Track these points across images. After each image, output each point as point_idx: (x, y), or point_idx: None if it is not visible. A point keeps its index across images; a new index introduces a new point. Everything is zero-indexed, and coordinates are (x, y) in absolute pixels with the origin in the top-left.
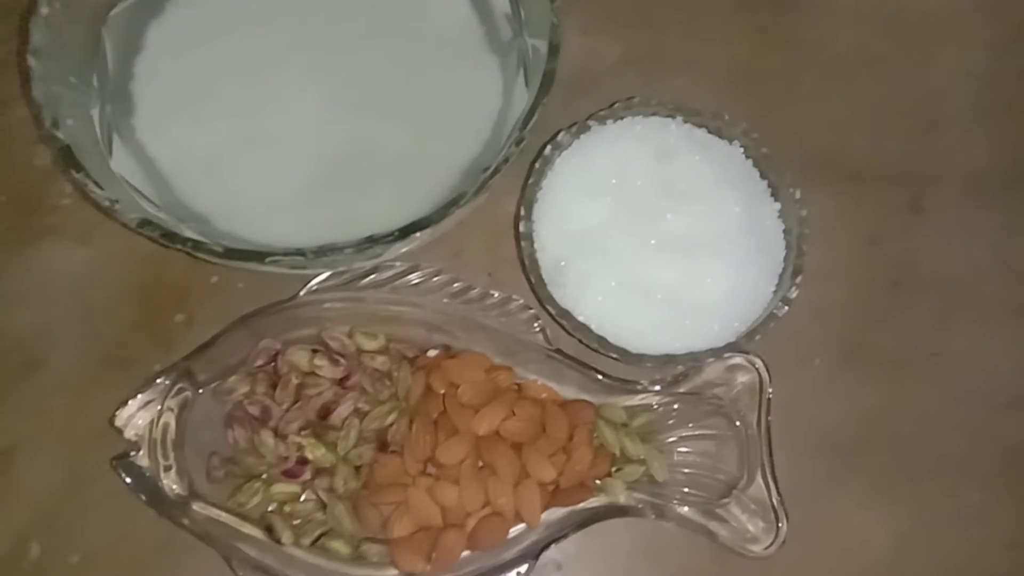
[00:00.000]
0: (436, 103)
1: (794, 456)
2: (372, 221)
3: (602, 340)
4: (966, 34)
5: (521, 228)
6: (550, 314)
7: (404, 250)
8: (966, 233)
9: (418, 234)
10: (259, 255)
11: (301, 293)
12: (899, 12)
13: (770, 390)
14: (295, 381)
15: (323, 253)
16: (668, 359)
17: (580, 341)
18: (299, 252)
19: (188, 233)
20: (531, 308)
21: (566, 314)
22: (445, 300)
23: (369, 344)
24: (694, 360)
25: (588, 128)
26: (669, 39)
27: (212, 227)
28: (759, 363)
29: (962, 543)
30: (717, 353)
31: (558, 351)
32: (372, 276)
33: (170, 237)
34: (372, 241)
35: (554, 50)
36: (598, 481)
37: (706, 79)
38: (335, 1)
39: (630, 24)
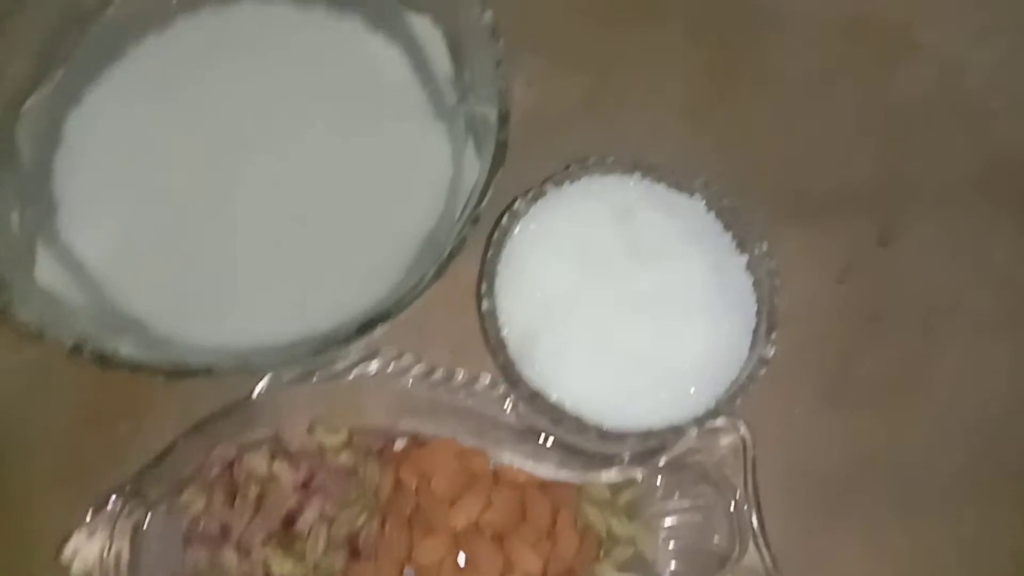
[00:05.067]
0: (383, 176)
1: (787, 510)
2: (325, 306)
3: (578, 421)
4: (928, 41)
5: (484, 306)
6: (521, 396)
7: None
8: (940, 253)
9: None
10: (206, 371)
11: (254, 392)
12: (856, 25)
13: (753, 454)
14: (255, 489)
15: (275, 363)
16: (649, 435)
17: (554, 422)
18: (249, 364)
19: (125, 352)
20: (500, 385)
21: (537, 396)
22: (409, 384)
23: (331, 440)
24: (677, 433)
25: (545, 193)
26: (621, 80)
27: (151, 333)
28: (743, 427)
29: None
30: (700, 422)
31: (533, 429)
32: (329, 367)
33: (104, 360)
34: (327, 343)
35: (504, 118)
36: (587, 566)
37: (664, 118)
38: (269, 77)
39: (579, 69)
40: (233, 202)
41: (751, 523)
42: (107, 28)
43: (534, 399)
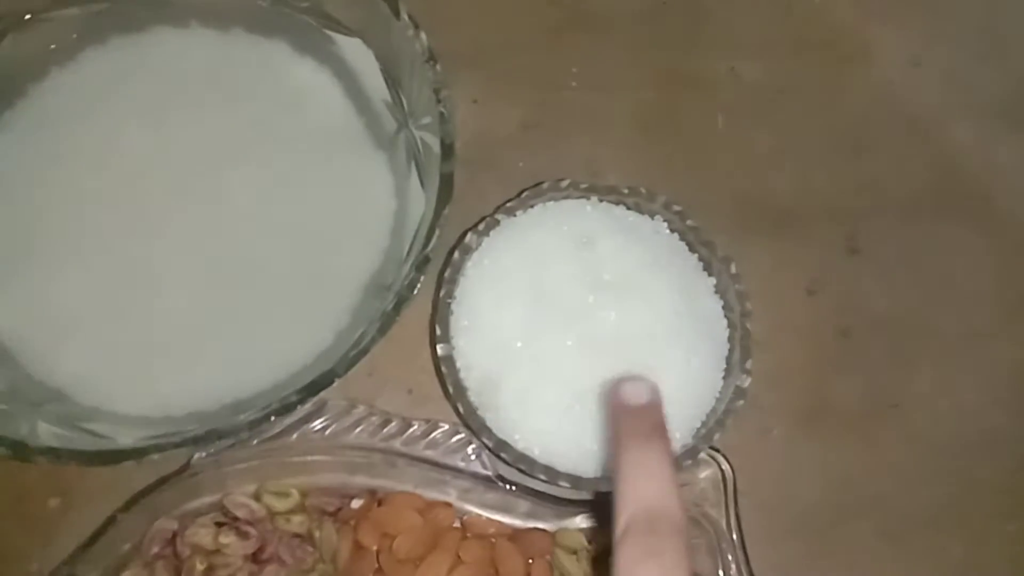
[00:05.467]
0: (321, 213)
1: (771, 541)
2: (265, 361)
3: (549, 470)
4: (878, 46)
5: (439, 351)
6: (486, 446)
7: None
8: (907, 265)
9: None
10: (137, 452)
11: (194, 458)
12: (804, 32)
13: (734, 486)
14: (201, 564)
15: (212, 439)
16: None
17: (523, 471)
18: (184, 442)
19: (45, 430)
20: (461, 432)
21: (503, 445)
22: (362, 438)
23: (281, 504)
24: None
25: (497, 223)
26: (568, 95)
27: (74, 404)
28: (724, 463)
29: None
30: (678, 462)
31: (500, 476)
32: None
33: (20, 449)
34: (268, 414)
35: (448, 150)
36: None
37: (615, 133)
38: (188, 112)
39: (524, 84)
40: (157, 252)
41: (735, 559)
42: (1, 65)
43: (500, 448)
